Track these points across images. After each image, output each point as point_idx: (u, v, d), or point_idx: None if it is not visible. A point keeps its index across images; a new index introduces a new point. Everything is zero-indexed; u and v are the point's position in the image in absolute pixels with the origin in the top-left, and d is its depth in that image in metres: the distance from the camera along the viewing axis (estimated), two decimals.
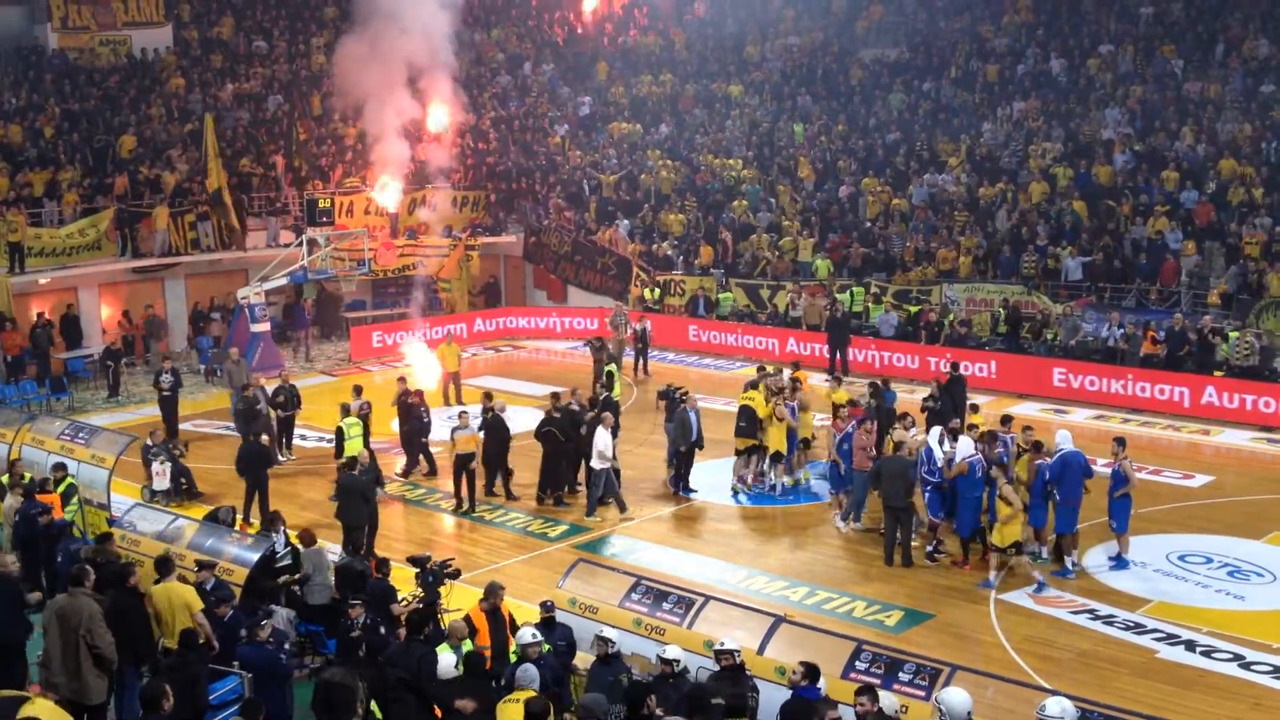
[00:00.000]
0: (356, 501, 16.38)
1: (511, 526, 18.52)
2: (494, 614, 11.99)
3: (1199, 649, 13.89)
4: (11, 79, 34.46)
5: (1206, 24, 34.87)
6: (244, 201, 32.21)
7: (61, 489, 16.12)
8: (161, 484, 19.33)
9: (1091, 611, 14.90)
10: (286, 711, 11.20)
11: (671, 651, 10.63)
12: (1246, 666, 13.47)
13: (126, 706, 11.49)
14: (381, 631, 11.72)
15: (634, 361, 28.57)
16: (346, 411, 19.72)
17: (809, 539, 17.84)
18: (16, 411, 21.81)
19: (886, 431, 17.87)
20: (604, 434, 18.32)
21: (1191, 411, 23.82)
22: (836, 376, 24.30)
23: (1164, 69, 33.60)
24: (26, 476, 16.30)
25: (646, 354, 28.84)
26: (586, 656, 11.71)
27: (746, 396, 19.60)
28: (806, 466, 20.17)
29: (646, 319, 29.38)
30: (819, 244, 31.70)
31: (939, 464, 16.27)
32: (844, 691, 9.98)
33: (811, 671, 9.94)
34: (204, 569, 12.85)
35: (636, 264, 33.13)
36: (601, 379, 22.16)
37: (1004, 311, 27.39)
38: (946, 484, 16.26)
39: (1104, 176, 30.56)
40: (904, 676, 10.41)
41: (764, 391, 19.51)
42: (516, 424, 20.31)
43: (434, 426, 21.35)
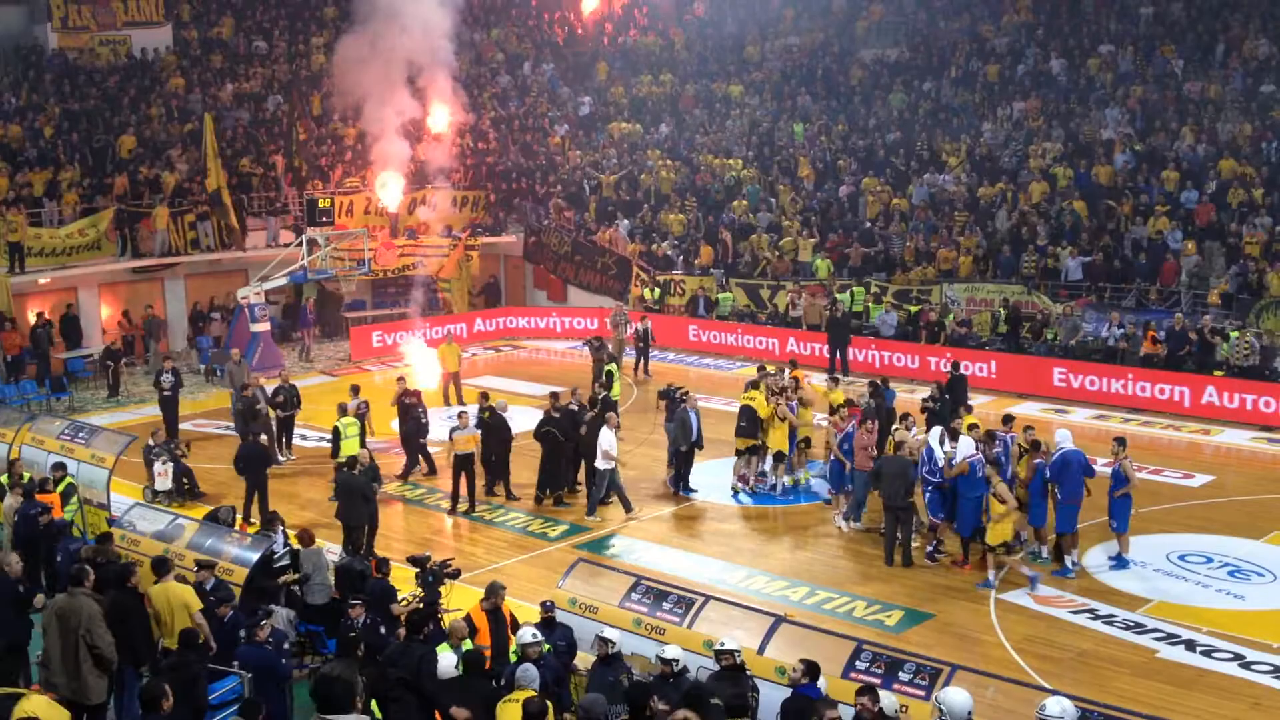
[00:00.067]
0: (357, 501, 16.38)
1: (511, 526, 18.52)
2: (495, 614, 12.00)
3: (1199, 649, 13.88)
4: (11, 79, 34.48)
5: (1206, 24, 34.86)
6: (244, 201, 32.22)
7: (61, 489, 16.12)
8: (164, 484, 19.36)
9: (1092, 611, 14.90)
10: (286, 712, 11.19)
11: (671, 651, 10.62)
12: (1247, 666, 13.46)
13: (126, 706, 11.47)
14: (381, 631, 11.71)
15: (635, 361, 28.56)
16: (344, 411, 19.71)
17: (809, 539, 17.85)
18: (16, 411, 21.83)
19: (887, 431, 17.88)
20: (609, 434, 18.33)
21: (1192, 411, 23.82)
22: (834, 376, 24.27)
23: (1164, 69, 33.60)
24: (26, 476, 16.30)
25: (648, 354, 28.79)
26: (587, 656, 11.71)
27: (747, 396, 19.60)
28: (806, 466, 20.18)
29: (648, 319, 29.38)
30: (819, 244, 31.68)
31: (939, 464, 16.28)
32: (844, 691, 9.97)
33: (812, 669, 9.94)
34: (204, 569, 12.85)
35: (636, 264, 33.12)
36: (601, 378, 22.16)
37: (1004, 311, 27.37)
38: (947, 484, 16.25)
39: (1104, 176, 30.55)
40: (904, 676, 10.40)
41: (765, 391, 19.53)
42: (516, 424, 20.30)
43: (433, 427, 21.34)
